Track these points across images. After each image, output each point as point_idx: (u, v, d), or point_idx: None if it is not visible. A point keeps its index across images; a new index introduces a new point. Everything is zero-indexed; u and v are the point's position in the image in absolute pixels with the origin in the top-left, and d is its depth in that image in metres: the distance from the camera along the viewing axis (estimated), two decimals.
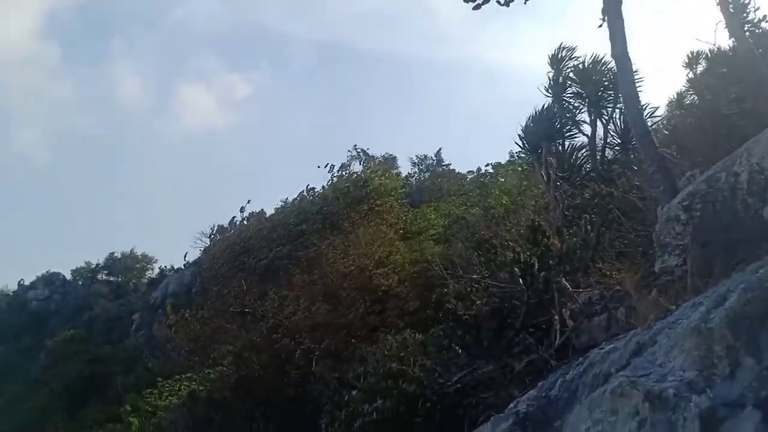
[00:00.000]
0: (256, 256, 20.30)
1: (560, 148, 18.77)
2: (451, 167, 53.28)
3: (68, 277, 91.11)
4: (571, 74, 19.54)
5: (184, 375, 30.27)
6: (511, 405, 5.41)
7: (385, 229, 20.57)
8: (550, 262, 8.65)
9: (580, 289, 8.40)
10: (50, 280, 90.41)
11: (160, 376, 35.17)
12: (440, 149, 57.34)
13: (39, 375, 64.51)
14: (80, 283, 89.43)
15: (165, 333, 20.81)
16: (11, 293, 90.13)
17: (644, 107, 14.95)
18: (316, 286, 17.98)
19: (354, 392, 13.97)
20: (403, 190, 28.12)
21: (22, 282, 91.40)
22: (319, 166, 25.26)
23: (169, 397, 28.23)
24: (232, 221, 28.29)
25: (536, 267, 8.69)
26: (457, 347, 10.08)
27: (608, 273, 8.71)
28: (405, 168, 51.19)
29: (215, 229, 27.00)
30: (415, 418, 12.45)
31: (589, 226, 9.19)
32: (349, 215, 21.70)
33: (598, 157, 18.42)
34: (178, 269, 78.05)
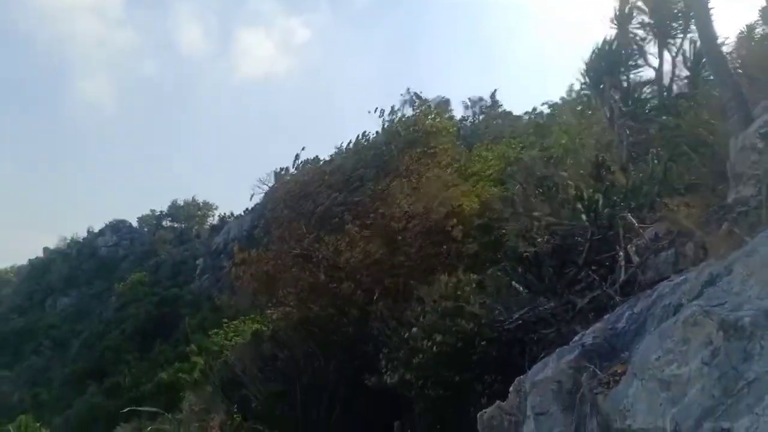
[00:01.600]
0: (314, 201, 20.45)
1: (624, 82, 18.00)
2: (506, 109, 52.26)
3: (134, 224, 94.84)
4: (639, 3, 18.49)
5: (248, 316, 31.38)
6: (576, 338, 5.38)
7: (441, 171, 20.39)
8: (615, 198, 8.41)
9: (646, 225, 8.16)
10: (117, 227, 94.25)
11: (225, 318, 36.56)
12: (495, 90, 56.11)
13: (111, 317, 68.11)
14: (146, 229, 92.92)
15: (233, 272, 21.39)
16: (81, 240, 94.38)
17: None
18: (373, 230, 18.09)
19: (413, 330, 14.23)
20: (457, 131, 27.72)
21: (91, 230, 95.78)
22: (370, 111, 25.09)
23: (235, 337, 29.36)
24: (286, 169, 28.61)
25: (600, 203, 8.46)
26: (517, 285, 10.03)
27: (676, 208, 8.40)
28: (458, 111, 50.40)
29: (274, 174, 27.42)
30: (472, 354, 12.63)
31: (655, 161, 8.84)
32: (403, 159, 21.56)
33: (665, 92, 17.60)
34: (238, 216, 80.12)
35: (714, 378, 3.66)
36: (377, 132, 24.35)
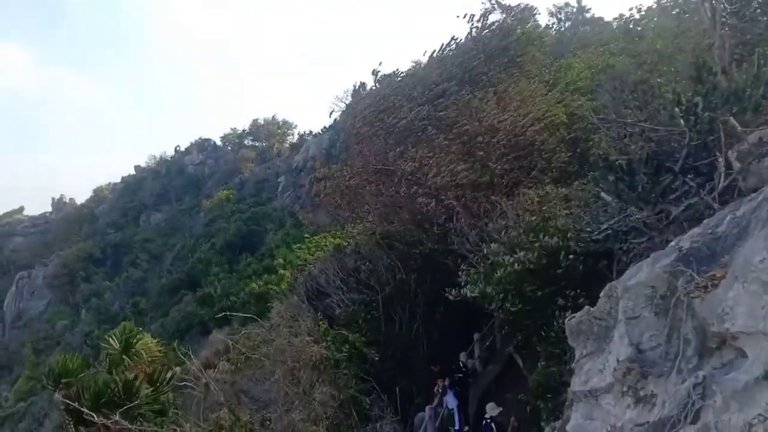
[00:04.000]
0: (396, 115, 20.18)
1: None
2: (594, 15, 49.32)
3: (218, 143, 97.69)
4: None
5: (329, 231, 32.26)
6: (673, 242, 5.20)
7: (528, 82, 19.62)
8: (716, 101, 7.85)
9: (750, 129, 7.60)
10: (203, 146, 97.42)
11: (307, 233, 37.77)
12: None
13: (200, 231, 71.53)
14: (229, 148, 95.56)
15: (314, 188, 21.80)
16: (170, 159, 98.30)
17: None
18: (456, 144, 17.83)
19: (494, 245, 14.21)
20: (545, 39, 26.43)
21: (178, 148, 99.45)
22: (458, 16, 24.07)
23: (317, 251, 30.37)
24: (363, 85, 28.34)
25: (700, 107, 7.94)
26: (606, 196, 9.72)
27: None
28: (544, 19, 47.92)
29: (352, 91, 27.25)
30: (557, 269, 12.54)
31: (761, 61, 8.14)
32: (490, 69, 20.81)
33: None
34: (317, 134, 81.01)
35: None
36: (457, 44, 23.49)
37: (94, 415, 12.60)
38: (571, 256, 11.78)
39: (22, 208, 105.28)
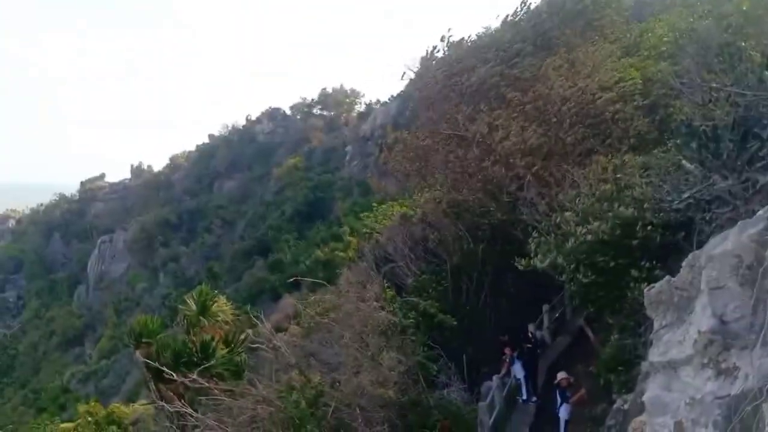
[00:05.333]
0: (469, 76, 19.80)
1: None
2: None
3: (287, 112, 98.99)
4: None
5: (396, 200, 32.33)
6: (761, 212, 4.95)
7: (606, 46, 18.84)
8: None
9: None
10: (273, 115, 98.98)
11: (375, 202, 37.96)
12: None
13: (271, 199, 73.14)
14: (298, 117, 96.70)
15: (383, 155, 21.84)
16: (241, 128, 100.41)
17: None
18: (529, 108, 17.43)
19: (565, 214, 13.91)
20: (624, 2, 25.25)
21: (249, 117, 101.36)
22: None
23: (383, 220, 30.51)
24: (433, 50, 27.91)
25: None
26: (688, 164, 9.31)
27: None
28: None
29: (421, 58, 26.90)
30: (632, 240, 12.18)
31: None
32: (565, 33, 20.10)
33: None
34: (384, 102, 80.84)
35: None
36: (530, 8, 22.80)
37: (174, 374, 13.27)
38: (648, 227, 11.40)
39: (103, 175, 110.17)
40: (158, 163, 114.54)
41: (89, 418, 23.35)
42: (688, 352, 4.90)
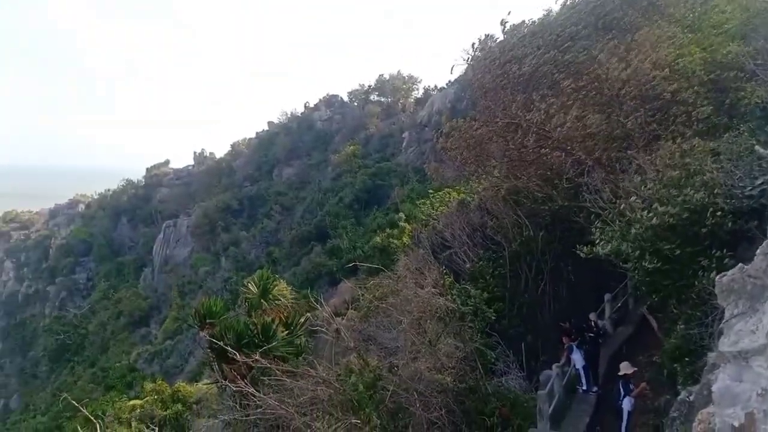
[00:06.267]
0: (521, 64, 19.47)
1: None
2: None
3: (345, 99, 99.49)
4: None
5: (453, 187, 32.17)
6: None
7: (670, 27, 18.13)
8: None
9: None
10: (330, 102, 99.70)
11: (431, 189, 37.84)
12: None
13: (328, 186, 73.84)
14: (355, 104, 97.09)
15: (441, 142, 21.72)
16: (300, 115, 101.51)
17: None
18: (587, 93, 16.99)
19: (630, 200, 13.55)
20: None
21: (307, 105, 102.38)
22: None
23: (440, 207, 30.42)
24: (490, 36, 27.53)
25: None
26: (763, 148, 8.92)
27: None
28: None
29: (478, 43, 26.56)
30: (701, 227, 11.77)
31: None
32: (627, 13, 19.45)
33: None
34: (441, 88, 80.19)
35: None
36: None
37: (237, 354, 13.63)
38: (718, 214, 11.02)
39: (167, 161, 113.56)
40: (219, 150, 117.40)
41: (155, 396, 24.27)
42: (761, 341, 4.75)
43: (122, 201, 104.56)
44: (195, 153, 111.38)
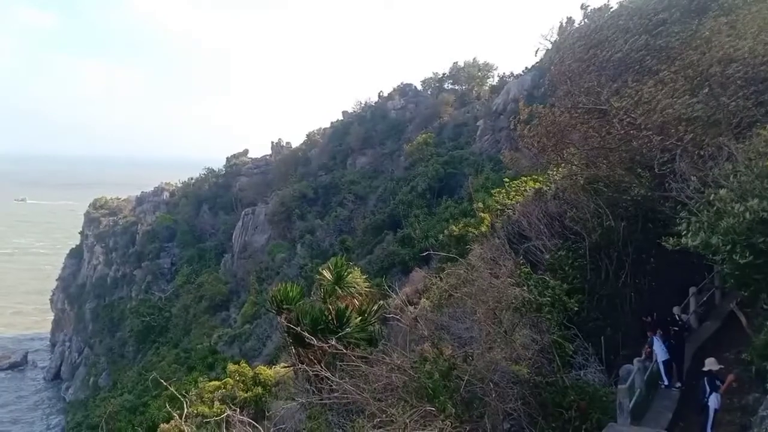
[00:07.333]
0: (609, 48, 18.75)
1: None
2: None
3: (419, 87, 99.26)
4: None
5: (529, 175, 31.55)
6: None
7: None
8: None
9: None
10: (404, 90, 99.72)
11: (506, 178, 37.23)
12: None
13: (401, 175, 74.02)
14: (429, 92, 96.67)
15: (518, 129, 21.28)
16: (374, 104, 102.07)
17: None
18: (679, 77, 16.19)
19: (720, 191, 12.89)
20: None
21: (381, 94, 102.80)
22: None
23: (516, 196, 29.90)
24: (571, 20, 26.71)
25: None
26: None
27: None
28: None
29: (558, 28, 25.85)
30: None
31: None
32: None
33: None
34: (518, 75, 78.67)
35: None
36: None
37: (314, 339, 13.89)
38: None
39: (246, 151, 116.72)
40: (295, 140, 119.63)
41: (238, 378, 25.13)
42: None
43: (204, 189, 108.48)
44: (272, 143, 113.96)
